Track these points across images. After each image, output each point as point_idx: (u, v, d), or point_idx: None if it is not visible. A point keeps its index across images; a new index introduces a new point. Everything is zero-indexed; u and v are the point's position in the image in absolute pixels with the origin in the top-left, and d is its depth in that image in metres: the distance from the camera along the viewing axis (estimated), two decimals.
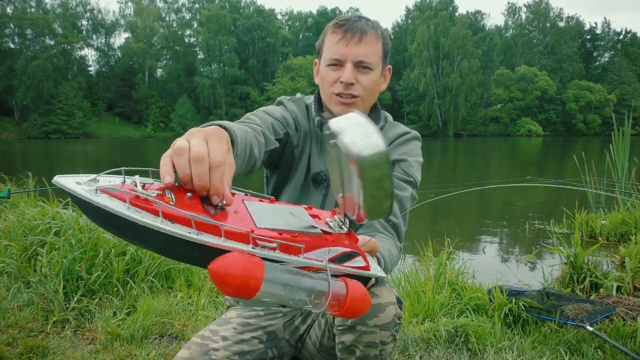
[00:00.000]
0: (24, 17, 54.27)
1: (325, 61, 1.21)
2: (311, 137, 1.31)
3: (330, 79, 1.20)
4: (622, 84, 60.79)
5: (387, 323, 1.06)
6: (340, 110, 1.20)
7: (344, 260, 0.72)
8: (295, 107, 1.31)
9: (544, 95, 57.81)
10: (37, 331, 2.26)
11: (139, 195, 0.62)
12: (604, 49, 71.17)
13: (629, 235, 4.41)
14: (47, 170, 14.14)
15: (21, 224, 3.16)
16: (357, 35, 1.17)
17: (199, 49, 65.69)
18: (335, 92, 1.20)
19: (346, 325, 1.08)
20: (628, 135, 5.48)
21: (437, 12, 61.14)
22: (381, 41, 1.22)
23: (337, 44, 1.17)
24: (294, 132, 1.27)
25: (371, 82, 1.20)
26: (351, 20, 1.19)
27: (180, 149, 0.65)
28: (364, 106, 1.24)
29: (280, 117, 1.23)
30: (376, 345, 1.07)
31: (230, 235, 0.64)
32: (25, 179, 5.08)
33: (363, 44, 1.17)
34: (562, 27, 67.41)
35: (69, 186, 0.61)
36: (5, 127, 51.97)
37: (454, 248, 3.87)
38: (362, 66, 1.18)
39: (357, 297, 0.68)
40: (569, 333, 2.19)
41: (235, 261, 0.59)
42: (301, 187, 1.30)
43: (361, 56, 1.17)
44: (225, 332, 1.24)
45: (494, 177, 13.60)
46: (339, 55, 1.17)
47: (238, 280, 0.59)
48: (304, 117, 1.31)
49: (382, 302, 1.07)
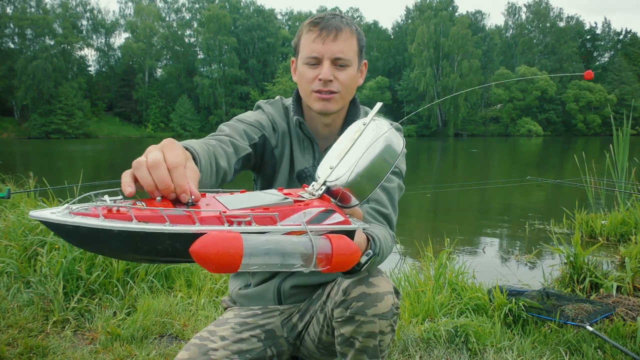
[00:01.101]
0: (24, 17, 54.25)
1: (302, 59, 1.23)
2: (291, 136, 1.34)
3: (308, 77, 1.22)
4: (622, 84, 60.77)
5: (385, 312, 1.08)
6: (320, 107, 1.23)
7: (321, 219, 0.74)
8: (273, 110, 1.35)
9: (544, 95, 57.81)
10: (37, 331, 2.26)
11: (110, 207, 0.65)
12: (604, 49, 71.17)
13: (629, 235, 4.41)
14: (47, 170, 14.14)
15: (21, 224, 3.15)
16: (333, 33, 1.19)
17: (199, 49, 65.68)
18: (314, 89, 1.22)
19: (345, 317, 1.09)
20: (628, 135, 5.48)
21: (437, 12, 61.12)
22: (356, 37, 1.24)
23: (314, 42, 1.20)
24: (272, 134, 1.30)
25: (349, 77, 1.23)
26: (326, 18, 1.21)
27: (138, 162, 0.69)
28: (342, 101, 1.26)
29: (253, 121, 1.27)
30: (375, 335, 1.09)
31: (204, 221, 0.67)
32: (26, 179, 5.08)
33: (339, 41, 1.19)
34: (562, 27, 67.40)
35: (45, 216, 0.62)
36: (5, 127, 51.95)
37: (454, 248, 3.87)
38: (339, 63, 1.20)
39: (341, 247, 0.69)
40: (569, 333, 2.19)
41: (212, 238, 0.62)
42: (286, 185, 1.33)
43: (338, 53, 1.19)
44: (223, 332, 1.24)
45: (494, 177, 13.61)
46: (316, 53, 1.20)
47: (219, 254, 0.61)
48: (281, 118, 1.34)
49: (380, 292, 1.08)
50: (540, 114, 58.64)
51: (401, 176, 1.33)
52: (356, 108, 1.35)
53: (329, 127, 1.32)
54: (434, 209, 8.57)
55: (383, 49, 68.03)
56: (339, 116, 1.32)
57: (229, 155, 1.09)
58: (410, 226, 6.57)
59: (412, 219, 7.23)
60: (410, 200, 8.66)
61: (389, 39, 70.50)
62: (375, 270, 1.13)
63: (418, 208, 8.53)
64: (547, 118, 58.46)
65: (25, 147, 32.28)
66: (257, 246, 0.64)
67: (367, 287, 1.08)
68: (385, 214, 1.24)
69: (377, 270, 1.14)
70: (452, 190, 9.86)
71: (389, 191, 1.27)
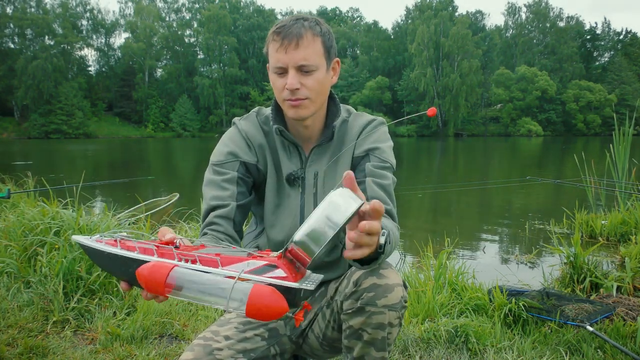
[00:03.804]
0: (23, 17, 54.28)
1: (271, 69, 1.25)
2: (274, 144, 1.36)
3: (278, 86, 1.25)
4: (623, 84, 60.77)
5: (395, 304, 1.10)
6: (293, 114, 1.25)
7: (263, 272, 0.77)
8: (246, 125, 1.37)
9: (544, 95, 57.78)
10: (37, 331, 2.26)
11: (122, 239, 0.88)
12: (604, 49, 71.19)
13: (629, 235, 4.41)
14: (47, 170, 14.15)
15: (21, 224, 3.15)
16: (294, 41, 1.19)
17: (199, 49, 65.70)
18: (285, 98, 1.25)
19: (355, 308, 1.11)
20: (630, 136, 5.47)
21: (437, 12, 61.11)
22: (320, 39, 1.24)
23: (277, 51, 1.21)
24: (247, 153, 1.33)
25: (316, 82, 1.23)
26: (287, 26, 1.21)
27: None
28: (314, 106, 1.27)
29: (225, 158, 1.31)
30: (384, 326, 1.10)
31: (163, 255, 0.81)
32: (25, 179, 5.08)
33: (301, 48, 1.19)
34: (562, 27, 67.40)
35: (78, 240, 0.92)
36: (5, 127, 51.98)
37: (454, 248, 3.87)
38: (304, 69, 1.21)
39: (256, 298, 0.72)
40: (569, 333, 2.19)
41: (148, 265, 0.78)
42: (277, 190, 1.36)
43: (301, 60, 1.20)
44: (227, 331, 1.24)
45: (494, 177, 13.61)
46: (280, 62, 1.21)
47: (146, 279, 0.76)
48: (257, 131, 1.36)
49: (390, 283, 1.10)
50: (540, 114, 58.63)
51: (392, 169, 1.35)
52: (336, 107, 1.37)
53: (309, 129, 1.33)
54: (434, 209, 8.57)
55: (383, 49, 68.00)
56: (318, 116, 1.33)
57: (243, 219, 1.28)
58: (410, 226, 6.58)
59: (412, 219, 7.23)
60: (411, 200, 8.66)
61: (389, 39, 70.45)
62: (385, 263, 1.14)
63: (418, 208, 8.53)
64: (547, 118, 58.46)
65: (25, 147, 32.29)
66: (182, 277, 0.75)
67: (378, 278, 1.10)
68: (389, 210, 1.25)
69: (386, 263, 1.16)
70: (452, 190, 9.87)
71: (386, 187, 1.28)
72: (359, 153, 1.33)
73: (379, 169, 1.30)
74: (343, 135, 1.36)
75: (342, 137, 1.36)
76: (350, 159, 1.34)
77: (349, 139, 1.35)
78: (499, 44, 68.33)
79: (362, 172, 1.29)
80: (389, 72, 65.65)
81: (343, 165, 1.34)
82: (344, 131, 1.36)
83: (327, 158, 1.34)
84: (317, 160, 1.34)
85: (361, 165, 1.31)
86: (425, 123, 59.07)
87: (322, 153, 1.34)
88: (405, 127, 56.85)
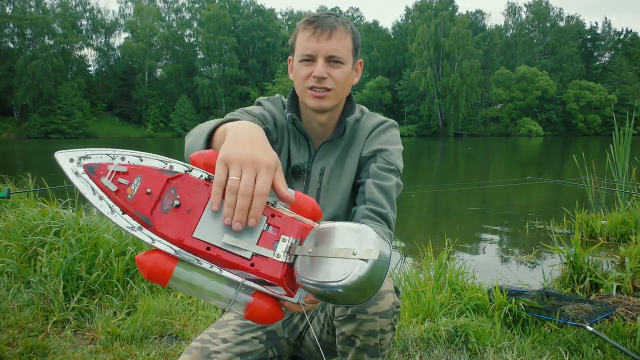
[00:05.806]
0: (23, 17, 54.28)
1: (298, 57, 1.25)
2: (288, 132, 1.36)
3: (303, 74, 1.24)
4: (623, 83, 60.78)
5: (386, 310, 1.09)
6: (314, 104, 1.25)
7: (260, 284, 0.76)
8: (272, 106, 1.37)
9: (544, 95, 57.80)
10: (37, 331, 2.26)
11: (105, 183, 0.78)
12: (604, 49, 71.17)
13: (629, 235, 4.41)
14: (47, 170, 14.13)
15: (21, 224, 3.15)
16: (327, 31, 1.20)
17: (199, 49, 65.69)
18: (308, 86, 1.24)
19: (346, 315, 1.10)
20: (630, 135, 5.47)
21: (437, 12, 61.12)
22: (351, 36, 1.25)
23: (309, 40, 1.21)
24: (273, 128, 1.32)
25: (343, 75, 1.24)
26: (321, 17, 1.23)
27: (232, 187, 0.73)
28: (337, 98, 1.27)
29: (258, 114, 1.30)
30: (376, 333, 1.09)
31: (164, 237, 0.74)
32: (25, 179, 5.08)
33: (333, 39, 1.21)
34: (563, 26, 67.43)
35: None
36: (4, 127, 51.99)
37: (454, 248, 3.87)
38: (333, 60, 1.22)
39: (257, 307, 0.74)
40: (569, 333, 2.19)
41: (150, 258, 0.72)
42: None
43: (332, 51, 1.21)
44: (225, 334, 1.24)
45: (494, 177, 13.61)
46: (310, 50, 1.21)
47: (148, 272, 0.72)
48: (281, 114, 1.36)
49: (381, 290, 1.08)
50: (540, 113, 58.63)
51: (398, 173, 1.32)
52: (351, 106, 1.36)
53: (324, 126, 1.33)
54: (434, 209, 8.57)
55: (383, 48, 68.02)
56: (334, 114, 1.32)
57: None
58: (410, 226, 6.58)
59: (412, 219, 7.23)
60: (411, 200, 8.66)
61: (389, 39, 70.48)
62: None
63: (418, 208, 8.53)
64: (548, 118, 58.46)
65: (25, 147, 32.29)
66: (186, 278, 0.73)
67: None
68: (383, 214, 1.23)
69: None
70: (452, 190, 9.87)
71: (387, 190, 1.25)
72: (367, 153, 1.31)
73: (382, 171, 1.28)
74: (354, 133, 1.35)
75: (353, 136, 1.35)
76: (358, 159, 1.33)
77: (360, 138, 1.34)
78: (499, 44, 68.32)
79: (366, 173, 1.28)
80: (389, 72, 65.67)
81: (350, 165, 1.32)
82: (355, 130, 1.35)
83: (336, 154, 1.33)
84: (326, 155, 1.33)
85: (367, 166, 1.30)
86: (426, 123, 59.11)
87: (331, 149, 1.33)
88: (405, 127, 56.87)
